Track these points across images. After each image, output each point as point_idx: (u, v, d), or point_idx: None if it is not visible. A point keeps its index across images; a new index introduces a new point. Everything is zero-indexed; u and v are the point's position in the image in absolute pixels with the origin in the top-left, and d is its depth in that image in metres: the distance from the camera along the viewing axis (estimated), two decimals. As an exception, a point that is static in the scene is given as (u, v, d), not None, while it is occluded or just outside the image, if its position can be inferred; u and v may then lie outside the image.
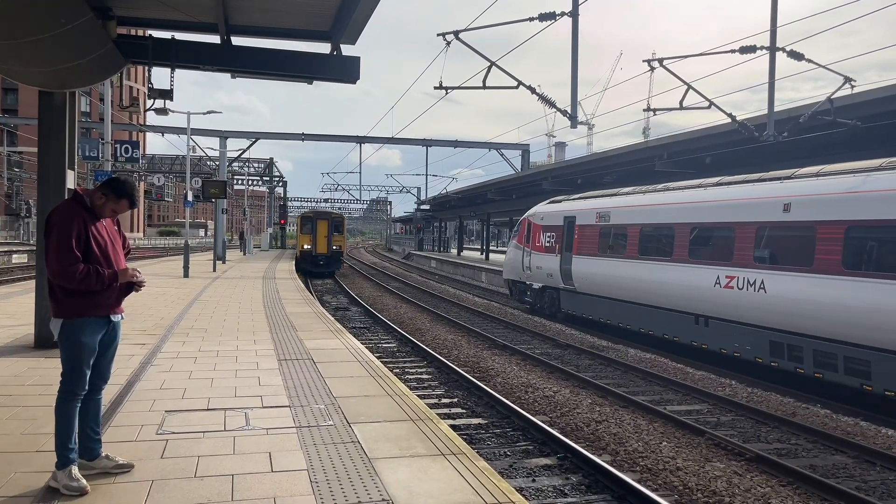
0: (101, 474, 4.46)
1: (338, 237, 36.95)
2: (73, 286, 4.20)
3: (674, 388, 11.45)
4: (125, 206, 4.53)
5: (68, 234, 4.20)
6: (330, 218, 37.67)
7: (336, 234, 36.78)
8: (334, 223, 37.16)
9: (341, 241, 37.51)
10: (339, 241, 37.03)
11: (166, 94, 9.75)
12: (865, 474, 7.53)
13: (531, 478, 6.98)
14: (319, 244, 36.05)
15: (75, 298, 4.27)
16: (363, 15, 8.43)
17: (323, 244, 36.15)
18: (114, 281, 4.34)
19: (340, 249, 37.29)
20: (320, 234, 36.20)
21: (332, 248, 36.30)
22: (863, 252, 10.29)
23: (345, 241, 39.12)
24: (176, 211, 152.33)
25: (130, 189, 4.53)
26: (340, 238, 37.40)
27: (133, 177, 42.87)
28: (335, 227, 36.95)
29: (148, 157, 55.20)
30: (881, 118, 13.57)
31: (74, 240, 4.21)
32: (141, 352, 9.11)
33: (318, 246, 35.99)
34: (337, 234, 36.88)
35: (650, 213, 15.67)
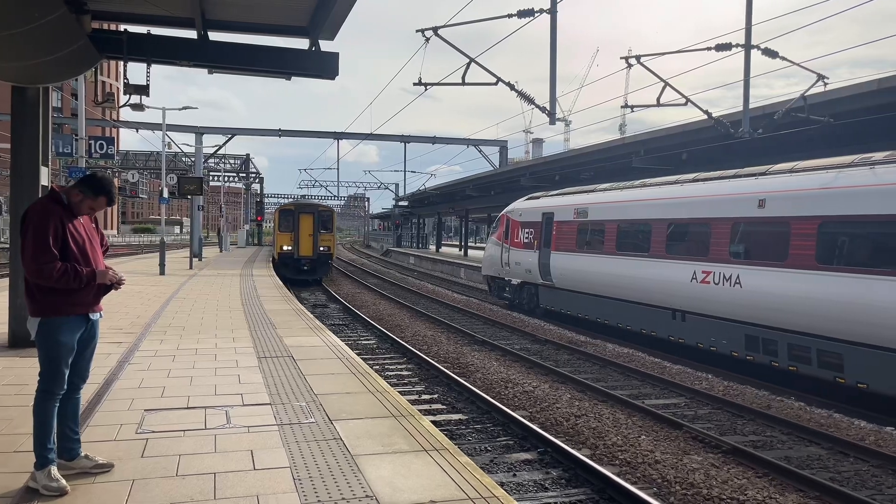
0: (81, 474, 4.42)
1: (325, 236, 29.95)
2: (51, 284, 4.15)
3: (652, 383, 11.58)
4: (103, 204, 4.48)
5: (45, 232, 4.14)
6: (316, 211, 30.21)
7: (324, 232, 29.84)
8: (321, 218, 30.07)
9: (330, 240, 30.26)
10: (326, 241, 29.98)
11: (142, 89, 9.64)
12: (839, 465, 7.68)
13: (512, 472, 7.02)
14: (303, 244, 29.38)
15: (53, 297, 4.22)
16: (342, 10, 8.39)
17: (307, 244, 29.46)
18: (92, 279, 4.30)
19: (329, 251, 30.03)
20: (304, 231, 29.44)
21: (318, 250, 29.48)
22: (835, 247, 10.48)
23: (334, 241, 31.04)
24: (151, 208, 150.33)
25: (108, 186, 4.48)
26: (329, 237, 30.19)
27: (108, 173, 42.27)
28: (322, 223, 29.93)
29: (122, 154, 54.42)
30: (853, 115, 13.82)
31: (51, 238, 4.16)
32: (118, 350, 9.01)
33: (302, 247, 29.31)
34: (325, 231, 29.94)
35: (627, 209, 15.81)
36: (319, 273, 29.62)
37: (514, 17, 12.74)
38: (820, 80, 13.96)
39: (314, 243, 29.44)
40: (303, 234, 29.34)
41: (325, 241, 29.85)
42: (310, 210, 30.22)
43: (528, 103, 14.59)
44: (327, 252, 29.87)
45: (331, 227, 30.39)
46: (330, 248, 30.05)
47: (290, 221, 29.52)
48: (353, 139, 47.96)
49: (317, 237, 29.49)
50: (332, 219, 30.78)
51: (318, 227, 29.60)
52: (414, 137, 49.55)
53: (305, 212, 29.89)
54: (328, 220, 30.42)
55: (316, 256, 29.36)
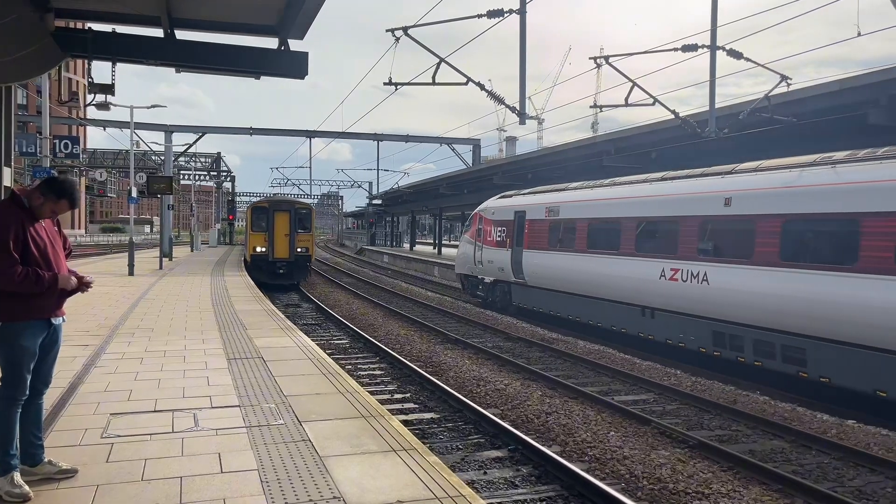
0: (44, 480, 4.37)
1: (303, 236, 27.22)
2: (12, 289, 4.10)
3: (621, 379, 11.72)
4: (65, 207, 4.43)
5: (5, 236, 4.09)
6: (293, 209, 27.53)
7: (301, 232, 27.16)
8: (298, 216, 27.36)
9: (308, 240, 27.47)
10: (304, 241, 27.25)
11: (107, 88, 9.51)
12: (801, 458, 7.86)
13: (483, 470, 7.07)
14: (278, 246, 26.69)
15: (14, 301, 4.17)
16: (311, 9, 8.35)
17: (283, 245, 26.76)
18: (54, 284, 4.25)
19: (307, 253, 27.27)
20: (279, 231, 26.76)
21: (295, 251, 26.81)
22: (798, 244, 10.71)
23: (313, 241, 28.26)
24: (119, 207, 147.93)
25: (70, 189, 4.43)
26: (307, 237, 27.46)
27: (73, 172, 41.50)
28: (300, 222, 27.28)
29: (89, 152, 53.51)
30: (815, 115, 14.12)
31: (12, 241, 4.10)
32: (84, 353, 8.88)
33: (277, 248, 26.64)
34: (302, 231, 27.26)
35: (598, 207, 15.97)
36: (297, 277, 27.09)
37: (483, 18, 12.79)
38: (783, 81, 14.24)
39: (291, 244, 26.72)
40: (278, 234, 26.67)
41: (303, 241, 27.15)
42: (286, 207, 27.50)
43: (498, 103, 14.66)
44: (305, 254, 27.12)
45: (309, 225, 27.66)
46: (308, 250, 27.31)
47: (264, 220, 26.95)
48: (326, 137, 47.73)
49: (294, 237, 26.76)
50: (310, 217, 28.02)
51: (294, 226, 26.97)
52: (387, 136, 49.47)
53: (281, 209, 27.23)
54: (306, 218, 27.69)
55: (293, 258, 26.69)
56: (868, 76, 13.43)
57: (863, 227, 9.49)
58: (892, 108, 13.13)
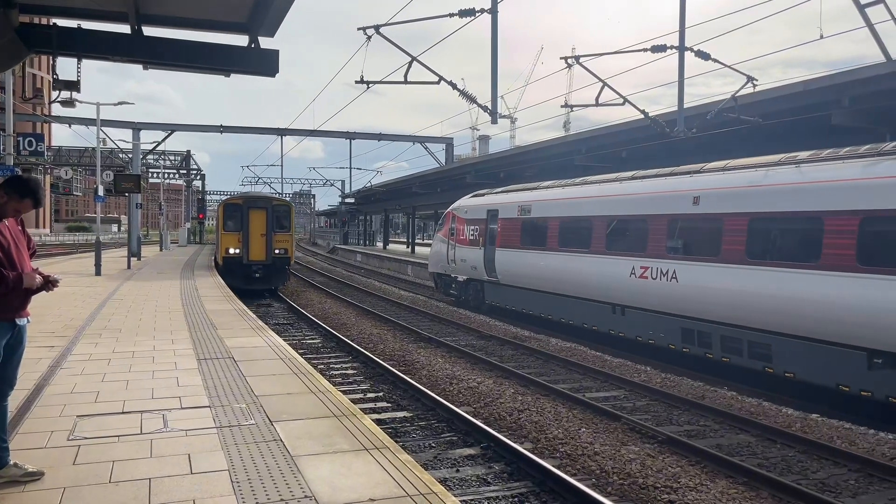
0: (10, 483, 4.30)
1: (282, 236, 24.49)
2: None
3: (592, 376, 11.84)
4: (28, 206, 4.36)
5: None
6: (270, 206, 24.76)
7: (279, 232, 24.45)
8: (276, 214, 24.65)
9: (287, 241, 24.70)
10: (283, 242, 24.48)
11: (73, 85, 9.33)
12: (767, 451, 8.03)
13: (455, 468, 7.11)
14: (254, 247, 23.96)
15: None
16: (282, 7, 8.25)
17: (259, 247, 24.03)
18: (18, 283, 4.18)
19: (286, 254, 24.56)
20: (255, 230, 24.04)
21: (272, 253, 24.16)
22: (764, 242, 10.92)
23: (293, 242, 25.48)
24: (86, 205, 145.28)
25: (34, 187, 4.36)
26: (286, 237, 24.67)
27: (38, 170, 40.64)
28: (278, 221, 24.59)
29: (54, 150, 52.42)
30: (780, 115, 14.39)
31: None
32: (50, 355, 8.73)
33: (252, 250, 23.92)
34: (280, 230, 24.54)
35: (569, 206, 16.10)
36: (275, 282, 24.46)
37: (455, 17, 12.81)
38: (749, 82, 14.49)
39: (268, 245, 24.02)
40: (253, 235, 23.96)
41: (282, 242, 24.37)
42: (262, 205, 24.69)
43: (470, 102, 14.70)
44: (284, 256, 24.41)
45: (288, 225, 24.90)
46: (288, 251, 24.55)
47: (237, 218, 24.10)
48: (298, 136, 47.39)
49: (271, 238, 24.07)
50: (289, 215, 25.26)
51: (272, 225, 24.21)
52: (359, 134, 49.32)
53: (257, 207, 24.45)
54: (285, 216, 24.94)
55: (270, 261, 23.97)
56: (831, 77, 13.72)
57: (825, 225, 9.71)
58: (855, 109, 13.43)
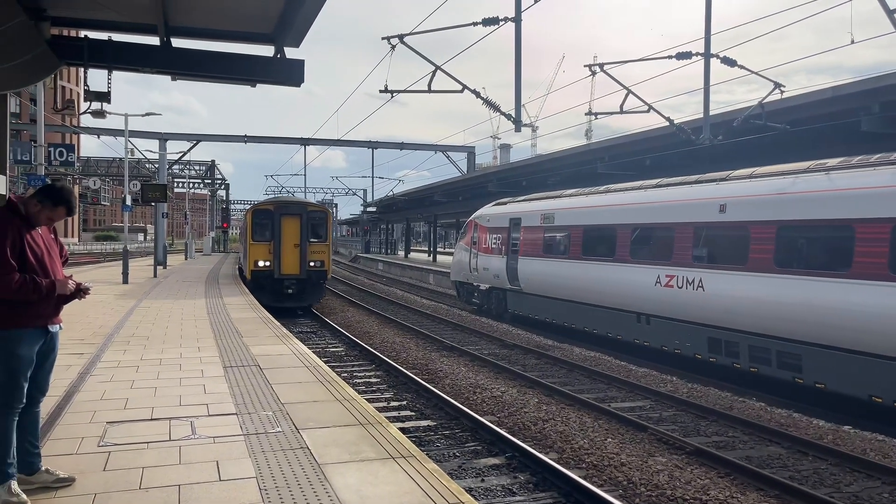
0: (42, 489, 4.35)
1: (318, 246, 21.68)
2: (9, 297, 4.09)
3: (618, 386, 11.73)
4: (62, 214, 4.43)
5: (2, 244, 4.08)
6: (304, 213, 21.84)
7: (315, 241, 21.65)
8: (311, 222, 21.83)
9: (324, 252, 21.85)
10: (319, 253, 21.66)
11: (103, 96, 9.48)
12: (798, 464, 7.88)
13: (480, 478, 7.07)
14: (286, 259, 21.21)
15: (11, 309, 4.15)
16: (307, 17, 8.36)
17: (292, 259, 21.30)
18: (51, 291, 4.24)
19: (322, 268, 21.69)
20: (287, 240, 21.32)
21: (307, 266, 21.33)
22: (792, 250, 10.76)
23: (329, 253, 22.34)
24: (113, 215, 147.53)
25: (67, 196, 4.43)
26: (322, 247, 21.82)
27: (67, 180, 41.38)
28: (313, 229, 21.81)
29: (83, 160, 53.39)
30: (808, 122, 14.20)
31: (9, 249, 4.10)
32: (79, 362, 8.84)
33: (285, 262, 21.18)
34: (316, 240, 21.73)
35: (592, 214, 16.02)
36: (309, 298, 21.64)
37: (479, 26, 12.84)
38: (777, 88, 14.33)
39: (302, 257, 21.30)
40: (286, 245, 21.28)
41: (317, 253, 21.62)
42: (295, 211, 21.81)
43: (494, 111, 14.70)
44: (320, 269, 21.59)
45: (324, 233, 22.11)
46: (324, 264, 21.73)
47: (267, 227, 21.39)
48: (321, 145, 47.74)
49: (305, 248, 21.36)
50: (325, 223, 22.37)
51: (307, 234, 21.50)
52: (382, 143, 49.58)
53: (290, 213, 21.62)
54: (321, 224, 22.14)
55: (305, 275, 21.24)
56: (860, 83, 13.52)
57: (856, 233, 9.54)
58: (885, 116, 13.22)
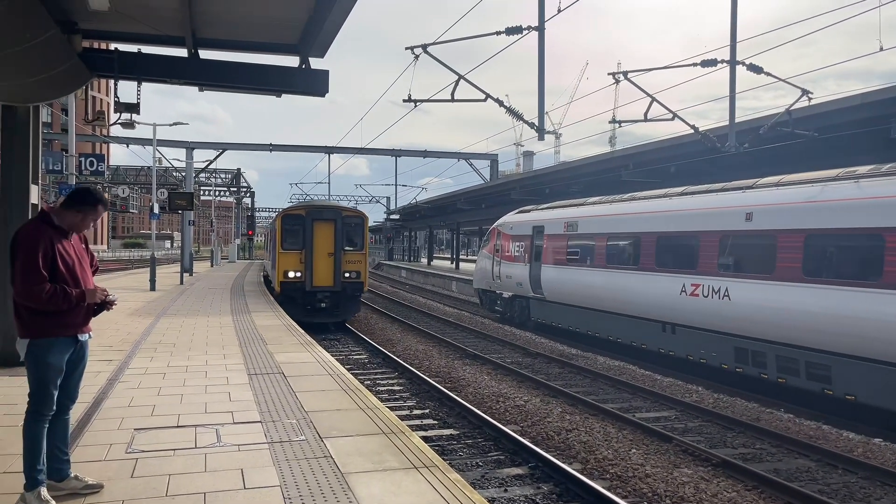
0: (70, 495, 4.41)
1: (354, 255, 19.72)
2: (41, 307, 4.16)
3: (642, 396, 11.62)
4: (101, 211, 4.53)
5: (35, 255, 4.16)
6: (339, 218, 19.65)
7: (350, 250, 19.70)
8: (347, 228, 19.81)
9: (360, 261, 19.86)
10: (355, 263, 19.69)
11: (133, 107, 9.67)
12: (828, 477, 7.74)
13: (503, 488, 7.04)
14: (319, 270, 19.19)
15: (42, 318, 4.22)
16: (331, 29, 8.46)
17: (325, 269, 19.27)
18: (81, 300, 4.31)
19: (359, 279, 19.69)
20: (320, 248, 19.31)
21: (342, 277, 19.34)
22: (821, 259, 10.59)
23: (366, 263, 20.31)
24: (141, 222, 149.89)
25: (98, 193, 4.56)
26: (359, 257, 19.86)
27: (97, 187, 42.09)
28: (348, 237, 19.83)
29: (112, 169, 54.32)
30: (837, 129, 14.00)
31: (41, 260, 4.17)
32: (108, 368, 8.97)
33: (317, 273, 19.16)
34: (352, 248, 19.79)
35: (617, 222, 15.92)
36: (344, 313, 19.63)
37: (502, 35, 12.86)
38: (804, 95, 14.16)
39: (336, 267, 19.27)
40: (319, 254, 19.24)
41: (353, 262, 19.60)
42: (329, 216, 19.57)
43: (517, 119, 14.69)
44: (356, 280, 19.55)
45: (360, 241, 20.09)
46: (360, 274, 19.70)
47: (298, 233, 19.41)
48: (345, 154, 48.08)
49: (340, 257, 19.31)
50: (362, 229, 20.30)
51: (341, 241, 19.45)
52: (405, 151, 49.78)
53: (323, 218, 19.45)
54: (357, 230, 20.10)
55: (339, 287, 19.25)
56: (889, 90, 13.30)
57: (887, 241, 9.37)
58: (916, 122, 12.99)
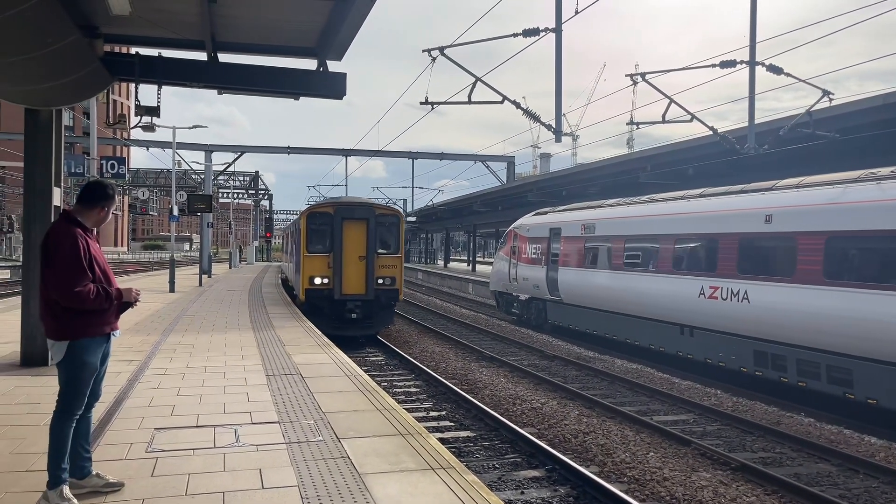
0: (92, 493, 4.46)
1: (388, 259, 17.40)
2: (86, 307, 4.20)
3: (660, 399, 11.55)
4: (116, 200, 4.66)
5: (77, 255, 4.19)
6: (372, 216, 17.30)
7: (385, 254, 17.41)
8: (380, 228, 17.57)
9: (395, 266, 17.53)
10: (390, 268, 17.42)
11: (153, 110, 9.79)
12: (849, 482, 7.64)
13: (520, 490, 7.03)
14: (349, 275, 17.00)
15: (82, 318, 4.26)
16: (349, 32, 8.53)
17: (356, 275, 17.05)
18: (119, 298, 4.37)
19: (393, 286, 17.43)
20: (350, 251, 17.07)
21: (375, 284, 17.11)
22: (843, 262, 10.47)
23: (401, 267, 17.83)
24: (160, 225, 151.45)
25: (108, 183, 4.67)
26: (393, 261, 17.52)
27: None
28: (382, 238, 17.60)
29: (132, 171, 54.94)
30: (859, 130, 13.83)
31: (83, 260, 4.21)
32: (128, 369, 9.07)
33: (347, 279, 16.98)
34: (386, 251, 17.49)
35: (634, 224, 15.84)
36: (377, 324, 17.54)
37: (519, 37, 12.86)
38: (825, 96, 14.01)
39: (368, 272, 17.03)
40: (349, 257, 17.02)
41: (388, 267, 17.35)
42: (361, 215, 17.26)
43: (534, 121, 14.67)
44: (390, 287, 17.32)
45: (395, 243, 17.71)
46: (395, 281, 17.41)
47: (326, 234, 17.20)
48: (362, 156, 48.23)
49: (372, 261, 17.06)
50: (397, 229, 17.82)
51: (374, 243, 17.20)
52: (421, 154, 49.84)
53: (354, 217, 17.17)
54: (392, 230, 17.73)
55: (372, 296, 17.00)
56: (913, 90, 13.13)
57: (910, 244, 9.24)
58: (940, 123, 12.81)
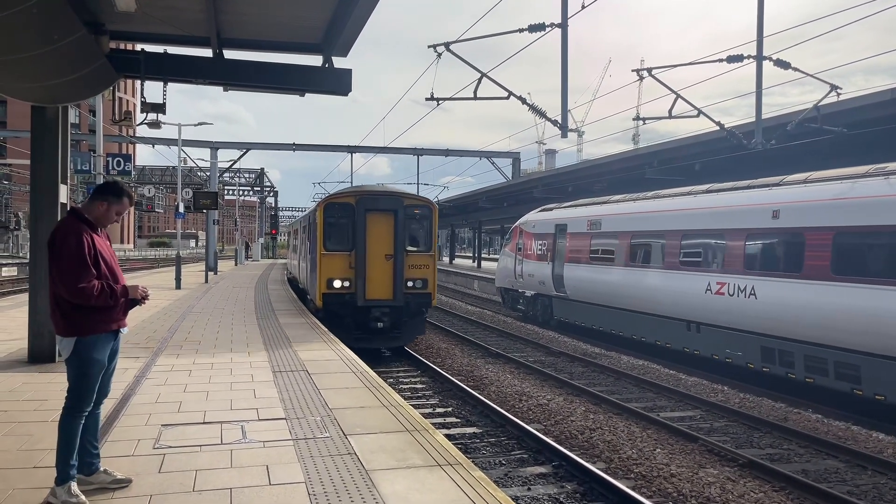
0: (100, 489, 4.47)
1: (419, 258, 14.86)
2: (91, 303, 4.21)
3: (667, 395, 11.52)
4: (127, 205, 4.55)
5: (81, 251, 4.19)
6: (400, 207, 14.68)
7: (415, 251, 14.85)
8: (410, 221, 14.97)
9: (427, 266, 14.94)
10: (421, 269, 14.84)
11: (159, 107, 9.79)
12: (857, 478, 7.61)
13: (526, 486, 7.02)
14: (373, 277, 14.46)
15: (88, 315, 4.26)
16: (354, 28, 8.50)
17: (382, 277, 14.52)
18: (125, 295, 4.37)
19: (425, 289, 14.86)
20: (375, 249, 14.53)
21: (404, 287, 14.56)
22: (850, 257, 10.41)
23: (434, 268, 15.10)
24: (166, 222, 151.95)
25: (125, 186, 4.62)
26: (426, 260, 14.94)
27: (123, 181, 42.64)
28: (412, 233, 15.08)
29: (138, 168, 55.06)
30: (866, 125, 13.74)
31: (88, 257, 4.21)
32: (135, 365, 9.09)
33: (372, 282, 14.44)
34: (416, 248, 14.93)
35: (641, 220, 15.79)
36: (407, 335, 15.03)
37: (525, 32, 12.81)
38: (833, 91, 13.92)
39: (396, 274, 14.51)
40: (373, 256, 14.50)
41: (419, 267, 14.84)
42: (388, 206, 14.69)
43: (540, 117, 14.63)
44: (422, 291, 14.83)
45: (428, 239, 15.22)
46: (427, 283, 14.92)
47: (346, 228, 14.67)
48: (367, 153, 48.20)
49: (401, 261, 14.54)
50: (430, 222, 15.25)
51: (403, 239, 14.67)
52: (427, 150, 49.72)
53: (379, 209, 14.61)
54: (423, 223, 15.21)
55: (401, 302, 14.53)
56: (922, 84, 13.03)
57: (919, 239, 9.19)
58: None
